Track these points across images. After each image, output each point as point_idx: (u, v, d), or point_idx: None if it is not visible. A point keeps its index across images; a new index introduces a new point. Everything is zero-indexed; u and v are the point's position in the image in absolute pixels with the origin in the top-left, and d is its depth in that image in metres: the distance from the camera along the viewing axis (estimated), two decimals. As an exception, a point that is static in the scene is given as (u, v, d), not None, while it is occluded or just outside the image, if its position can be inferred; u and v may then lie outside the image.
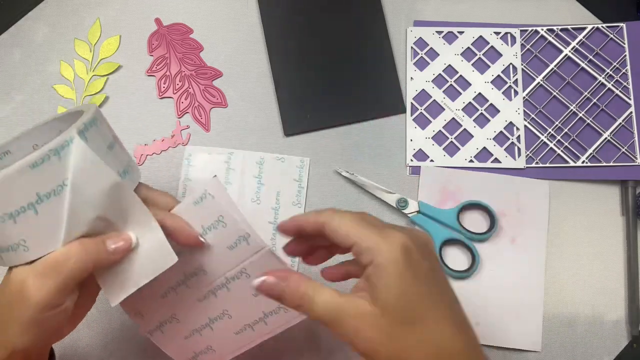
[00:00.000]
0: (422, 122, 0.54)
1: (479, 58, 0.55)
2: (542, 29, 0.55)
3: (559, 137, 0.52)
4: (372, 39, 0.56)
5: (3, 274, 0.32)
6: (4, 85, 0.55)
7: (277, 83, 0.54)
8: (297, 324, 0.37)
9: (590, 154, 0.52)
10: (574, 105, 0.53)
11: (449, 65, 0.55)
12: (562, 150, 0.52)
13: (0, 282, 0.33)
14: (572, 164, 0.52)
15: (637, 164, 0.51)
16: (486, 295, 0.48)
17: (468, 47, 0.55)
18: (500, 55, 0.55)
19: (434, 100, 0.54)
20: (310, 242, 0.36)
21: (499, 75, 0.54)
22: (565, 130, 0.53)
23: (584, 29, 0.55)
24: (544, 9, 0.56)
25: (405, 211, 0.50)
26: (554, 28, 0.55)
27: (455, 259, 0.50)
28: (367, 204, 0.51)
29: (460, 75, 0.55)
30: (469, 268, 0.48)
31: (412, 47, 0.55)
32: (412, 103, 0.54)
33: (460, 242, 0.49)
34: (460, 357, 0.28)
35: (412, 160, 0.52)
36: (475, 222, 0.50)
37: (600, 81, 0.53)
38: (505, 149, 0.52)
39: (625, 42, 0.54)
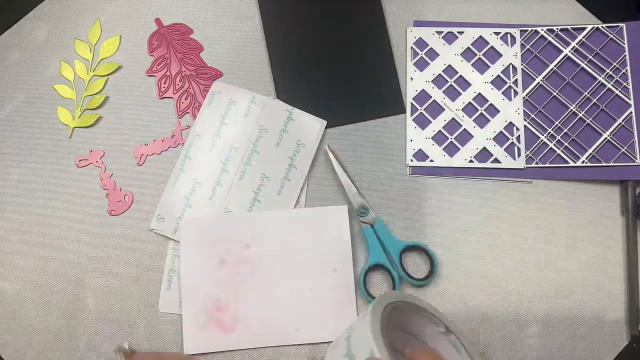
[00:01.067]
0: (422, 122, 0.54)
1: (479, 58, 0.55)
2: (542, 29, 0.55)
3: (559, 137, 0.52)
4: (372, 39, 0.56)
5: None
6: (4, 85, 0.55)
7: (277, 83, 0.54)
8: None
9: (590, 154, 0.52)
10: (574, 105, 0.53)
11: (449, 65, 0.55)
12: (562, 150, 0.52)
13: None
14: (572, 164, 0.52)
15: (637, 164, 0.51)
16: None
17: (468, 47, 0.55)
18: (500, 55, 0.55)
19: (434, 100, 0.54)
20: None
21: (498, 76, 0.54)
22: (565, 130, 0.53)
23: (583, 29, 0.55)
24: (544, 9, 0.56)
25: (363, 219, 0.49)
26: (554, 28, 0.55)
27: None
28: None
29: (460, 76, 0.55)
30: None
31: (412, 48, 0.55)
32: (412, 103, 0.54)
33: (387, 270, 0.49)
34: None
35: (412, 160, 0.52)
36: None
37: (600, 81, 0.53)
38: (505, 149, 0.52)
39: (625, 42, 0.54)
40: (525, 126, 0.53)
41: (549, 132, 0.53)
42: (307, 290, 0.48)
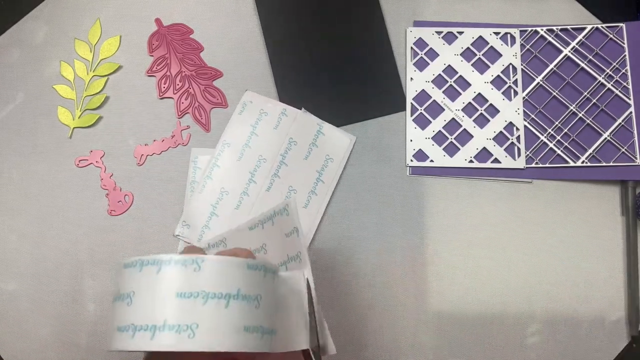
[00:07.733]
0: (422, 122, 0.54)
1: (479, 58, 0.55)
2: (542, 29, 0.55)
3: (559, 137, 0.52)
4: (371, 39, 0.56)
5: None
6: (3, 86, 0.55)
7: (278, 83, 0.54)
8: None
9: (590, 154, 0.52)
10: (573, 105, 0.53)
11: (449, 65, 0.55)
12: (562, 150, 0.52)
13: None
14: (572, 164, 0.52)
15: (637, 164, 0.51)
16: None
17: (468, 48, 0.55)
18: (500, 55, 0.55)
19: (434, 100, 0.54)
20: None
21: (498, 76, 0.54)
22: (565, 130, 0.53)
23: (583, 29, 0.55)
24: (544, 9, 0.56)
25: None
26: (554, 28, 0.55)
27: None
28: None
29: (460, 76, 0.55)
30: None
31: (411, 48, 0.55)
32: (412, 103, 0.54)
33: None
34: None
35: (412, 160, 0.52)
36: None
37: (600, 81, 0.53)
38: (505, 149, 0.52)
39: (625, 42, 0.54)
40: (525, 126, 0.53)
41: (549, 132, 0.53)
42: None
